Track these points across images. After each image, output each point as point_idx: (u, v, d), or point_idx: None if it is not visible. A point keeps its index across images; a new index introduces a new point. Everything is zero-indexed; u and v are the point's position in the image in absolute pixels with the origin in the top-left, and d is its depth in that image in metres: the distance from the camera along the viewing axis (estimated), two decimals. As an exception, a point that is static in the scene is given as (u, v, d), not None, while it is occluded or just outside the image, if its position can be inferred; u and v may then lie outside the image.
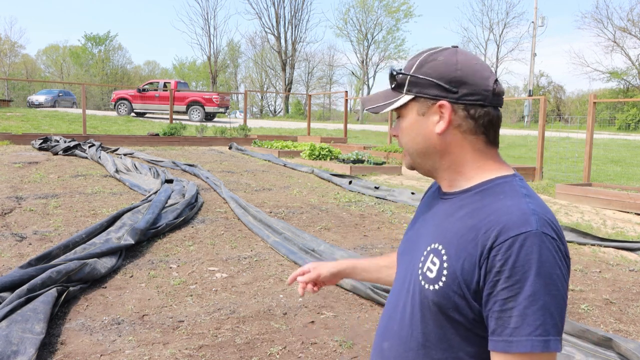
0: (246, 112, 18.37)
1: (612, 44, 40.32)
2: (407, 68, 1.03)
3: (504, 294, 0.86)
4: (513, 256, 0.85)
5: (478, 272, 0.89)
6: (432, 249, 0.99)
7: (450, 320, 0.94)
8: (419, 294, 0.98)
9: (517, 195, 0.93)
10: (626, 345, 2.66)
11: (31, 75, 55.83)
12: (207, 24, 50.15)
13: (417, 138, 1.02)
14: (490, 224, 0.90)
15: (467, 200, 0.98)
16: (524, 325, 0.84)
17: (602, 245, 5.23)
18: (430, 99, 0.99)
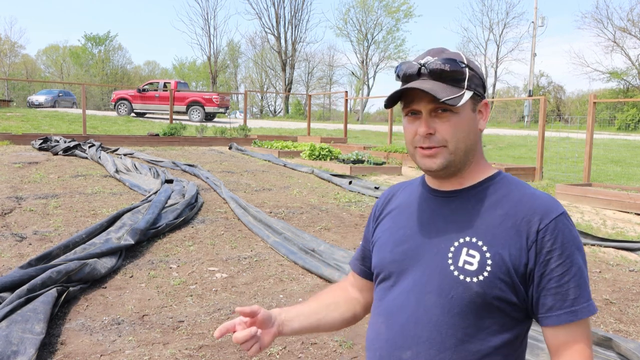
0: (246, 112, 18.37)
1: (612, 44, 40.34)
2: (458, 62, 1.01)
3: (559, 270, 0.95)
4: (560, 236, 0.96)
5: (527, 255, 0.96)
6: (463, 243, 1.00)
7: (491, 309, 0.98)
8: (457, 289, 0.98)
9: (526, 185, 1.04)
10: (626, 345, 2.66)
11: (31, 75, 55.84)
12: (207, 24, 50.21)
13: (470, 134, 1.03)
14: (526, 211, 0.98)
15: (481, 194, 1.04)
16: (582, 294, 0.95)
17: (602, 245, 5.23)
18: (479, 97, 1.04)
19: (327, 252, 4.40)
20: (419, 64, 1.02)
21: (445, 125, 1.01)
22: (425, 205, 1.10)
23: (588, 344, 0.98)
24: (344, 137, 16.16)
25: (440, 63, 1.00)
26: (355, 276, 1.30)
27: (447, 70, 1.00)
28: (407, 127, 1.06)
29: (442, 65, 1.00)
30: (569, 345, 0.97)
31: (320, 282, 3.88)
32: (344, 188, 7.83)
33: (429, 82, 1.00)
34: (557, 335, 0.97)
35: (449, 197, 1.07)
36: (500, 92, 52.09)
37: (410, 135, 1.05)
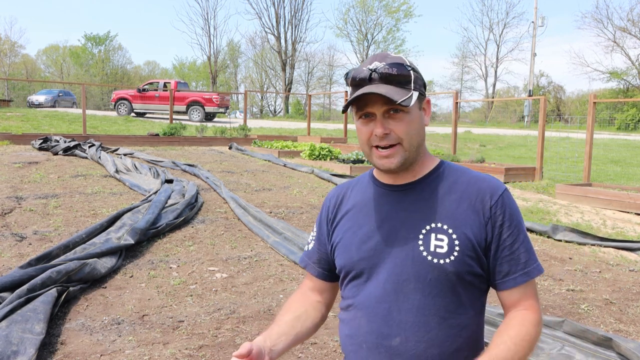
0: (246, 112, 18.37)
1: (612, 44, 40.35)
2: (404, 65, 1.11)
3: (510, 240, 1.09)
4: (507, 209, 1.10)
5: (484, 230, 1.09)
6: (430, 229, 1.09)
7: (464, 284, 1.09)
8: (433, 272, 1.08)
9: (467, 170, 1.17)
10: (626, 345, 2.66)
11: (31, 75, 55.83)
12: (207, 24, 50.19)
13: (420, 131, 1.14)
14: (477, 192, 1.11)
15: (433, 184, 1.14)
16: (531, 257, 1.10)
17: (602, 245, 5.23)
18: (423, 96, 1.15)
19: (327, 252, 4.40)
20: (369, 70, 1.09)
21: (400, 124, 1.09)
22: (383, 200, 1.16)
23: (536, 298, 1.12)
24: (344, 137, 16.16)
25: (389, 67, 1.08)
26: (313, 279, 1.32)
27: (395, 74, 1.08)
28: (361, 129, 1.13)
29: (390, 69, 1.08)
30: (522, 301, 1.11)
31: (320, 282, 3.88)
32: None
33: (381, 86, 1.07)
34: (512, 295, 1.11)
35: (404, 190, 1.15)
36: (500, 92, 52.08)
37: (366, 136, 1.12)
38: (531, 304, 1.11)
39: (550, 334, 2.91)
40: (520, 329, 1.07)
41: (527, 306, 1.11)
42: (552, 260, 4.67)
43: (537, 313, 1.11)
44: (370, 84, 1.08)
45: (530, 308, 1.11)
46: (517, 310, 1.12)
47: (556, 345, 2.81)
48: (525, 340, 1.06)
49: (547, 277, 4.21)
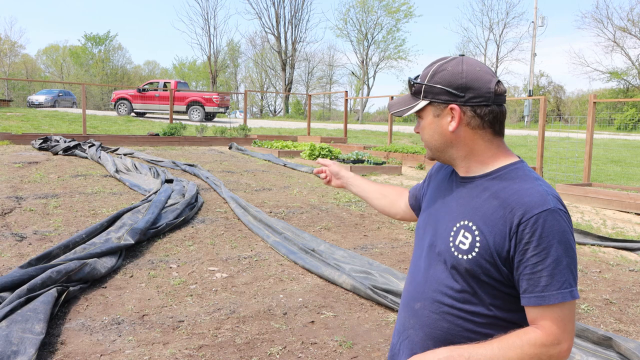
0: (246, 112, 18.36)
1: (612, 44, 40.33)
2: (422, 77, 1.23)
3: (534, 260, 1.09)
4: (539, 229, 1.08)
5: (509, 243, 1.12)
6: (462, 225, 1.20)
7: (479, 281, 1.17)
8: (452, 262, 1.20)
9: (530, 179, 1.17)
10: (626, 345, 2.66)
11: (31, 75, 55.82)
12: (207, 24, 50.08)
13: (434, 135, 1.24)
14: (514, 204, 1.12)
15: (487, 183, 1.20)
16: (554, 283, 1.08)
17: (602, 245, 5.23)
18: (442, 103, 1.21)
19: (327, 251, 4.40)
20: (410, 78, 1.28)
21: (421, 128, 1.27)
22: (448, 185, 1.31)
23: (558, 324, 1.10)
24: (344, 137, 16.16)
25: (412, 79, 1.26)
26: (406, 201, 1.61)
27: (410, 85, 1.26)
28: None
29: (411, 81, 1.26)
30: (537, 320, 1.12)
31: (321, 282, 3.88)
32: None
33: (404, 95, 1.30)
34: (529, 313, 1.13)
35: (463, 183, 1.26)
36: (500, 92, 51.93)
37: None
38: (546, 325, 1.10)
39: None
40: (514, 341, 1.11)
41: (540, 326, 1.11)
42: (552, 260, 4.67)
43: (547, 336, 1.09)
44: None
45: (541, 328, 1.10)
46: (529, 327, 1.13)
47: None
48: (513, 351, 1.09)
49: (547, 277, 4.21)
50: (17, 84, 53.76)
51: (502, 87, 1.20)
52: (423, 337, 1.25)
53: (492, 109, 1.19)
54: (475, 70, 1.18)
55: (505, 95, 1.21)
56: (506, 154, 1.23)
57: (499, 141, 1.23)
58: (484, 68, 1.20)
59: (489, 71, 1.20)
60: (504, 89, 1.21)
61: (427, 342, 1.24)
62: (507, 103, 1.29)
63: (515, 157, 1.24)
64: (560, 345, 1.09)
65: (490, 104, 1.18)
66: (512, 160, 1.22)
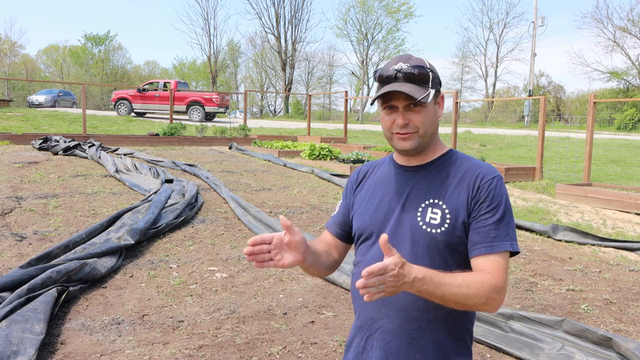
0: (246, 112, 18.36)
1: (612, 43, 40.33)
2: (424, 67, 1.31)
3: (486, 216, 1.27)
4: (492, 190, 1.28)
5: (470, 206, 1.28)
6: (428, 204, 1.31)
7: (453, 252, 1.28)
8: (425, 238, 1.29)
9: (472, 159, 1.38)
10: (626, 345, 2.66)
11: (31, 75, 55.82)
12: (207, 24, 50.02)
13: (434, 122, 1.35)
14: (471, 175, 1.31)
15: (442, 166, 1.36)
16: (501, 234, 1.26)
17: (602, 245, 5.23)
18: (438, 92, 1.35)
19: (327, 252, 4.39)
20: (395, 70, 1.30)
21: (417, 116, 1.31)
22: (397, 178, 1.39)
23: (502, 272, 1.23)
24: (344, 137, 16.16)
25: (411, 68, 1.30)
26: (332, 237, 1.53)
27: (417, 74, 1.30)
28: (385, 118, 1.36)
29: (413, 70, 1.30)
30: (486, 268, 1.24)
31: (320, 281, 3.88)
32: (344, 188, 7.82)
33: (405, 84, 1.30)
34: (477, 262, 1.25)
35: (414, 171, 1.37)
36: (500, 92, 52.05)
37: (388, 124, 1.35)
38: (494, 272, 1.22)
39: (550, 334, 2.91)
40: (476, 277, 1.21)
41: (491, 270, 1.22)
42: (552, 260, 4.67)
43: (499, 280, 1.21)
44: (395, 82, 1.30)
45: (493, 272, 1.22)
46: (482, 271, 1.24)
47: (556, 344, 2.81)
48: (476, 284, 1.19)
49: (547, 277, 4.21)
50: (17, 84, 53.74)
51: None
52: (400, 322, 1.29)
53: None
54: None
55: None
56: (442, 142, 1.42)
57: None
58: None
59: None
60: None
61: (405, 326, 1.29)
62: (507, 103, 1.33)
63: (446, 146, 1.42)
64: (501, 293, 1.22)
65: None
66: (447, 147, 1.41)
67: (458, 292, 1.17)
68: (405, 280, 1.12)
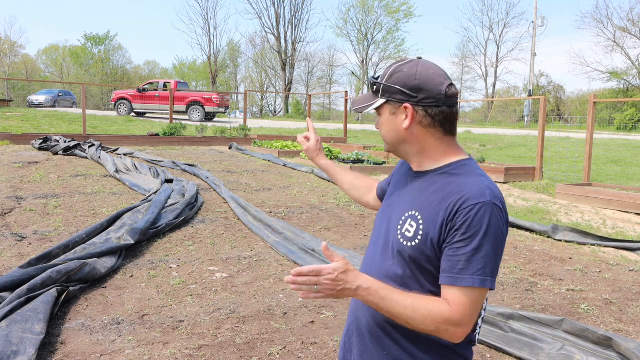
0: (246, 112, 18.36)
1: (612, 44, 40.31)
2: (381, 77, 1.31)
3: (459, 245, 1.17)
4: (470, 219, 1.16)
5: (445, 231, 1.19)
6: (409, 215, 1.28)
7: (422, 268, 1.24)
8: (398, 248, 1.27)
9: (474, 175, 1.25)
10: (626, 345, 2.66)
11: (31, 75, 55.81)
12: (207, 24, 50.03)
13: (390, 132, 1.33)
14: (455, 196, 1.20)
15: (436, 178, 1.28)
16: (469, 268, 1.15)
17: (602, 245, 5.23)
18: (397, 102, 1.29)
19: (327, 252, 4.39)
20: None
21: (379, 124, 1.37)
22: (404, 180, 1.40)
23: (464, 306, 1.16)
24: (344, 137, 16.16)
25: (373, 78, 1.34)
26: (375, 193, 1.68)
27: (372, 83, 1.34)
28: None
29: (372, 79, 1.33)
30: (447, 299, 1.18)
31: (320, 282, 3.88)
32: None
33: (364, 94, 1.38)
34: (443, 291, 1.20)
35: (415, 177, 1.35)
36: (500, 92, 52.04)
37: None
38: (454, 304, 1.16)
39: (550, 333, 2.91)
40: (427, 304, 1.17)
41: (452, 304, 1.16)
42: (552, 260, 4.67)
43: (453, 314, 1.15)
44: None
45: (453, 305, 1.16)
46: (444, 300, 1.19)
47: (556, 344, 2.81)
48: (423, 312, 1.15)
49: (547, 277, 4.21)
50: (17, 84, 53.74)
51: (454, 89, 1.26)
52: (369, 317, 1.31)
53: (442, 110, 1.26)
54: (428, 73, 1.26)
55: (457, 98, 1.28)
56: (457, 151, 1.31)
57: (450, 140, 1.30)
58: (437, 71, 1.27)
59: (442, 74, 1.27)
60: (456, 91, 1.27)
61: (371, 323, 1.31)
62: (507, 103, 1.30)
63: (465, 155, 1.31)
64: (459, 327, 1.16)
65: (441, 105, 1.26)
66: (461, 157, 1.30)
67: (403, 313, 1.16)
68: (347, 287, 1.17)
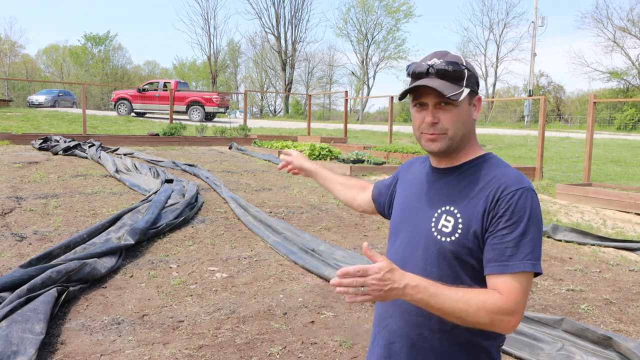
0: (246, 112, 18.36)
1: (612, 44, 40.29)
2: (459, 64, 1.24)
3: (504, 232, 1.15)
4: (513, 204, 1.16)
5: (487, 219, 1.18)
6: (444, 210, 1.25)
7: (463, 263, 1.21)
8: (435, 246, 1.23)
9: (505, 165, 1.26)
10: (626, 344, 2.66)
11: (31, 75, 55.81)
12: (207, 24, 49.92)
13: (466, 123, 1.27)
14: (494, 185, 1.20)
15: (468, 172, 1.27)
16: (518, 254, 1.14)
17: (602, 245, 5.23)
18: (474, 92, 1.28)
19: (327, 252, 4.40)
20: (428, 65, 1.24)
21: (448, 116, 1.24)
22: (426, 179, 1.35)
23: (516, 293, 1.13)
24: (344, 137, 16.16)
25: (445, 65, 1.22)
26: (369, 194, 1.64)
27: (450, 71, 1.22)
28: (415, 116, 1.29)
29: (446, 66, 1.22)
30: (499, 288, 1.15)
31: (321, 282, 3.88)
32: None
33: (436, 80, 1.22)
34: (491, 281, 1.17)
35: (443, 174, 1.31)
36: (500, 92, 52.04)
37: (418, 123, 1.28)
38: (506, 292, 1.13)
39: (550, 333, 2.91)
40: (479, 295, 1.13)
41: (504, 292, 1.13)
42: (552, 260, 4.67)
43: (506, 302, 1.12)
44: (427, 78, 1.24)
45: (505, 294, 1.13)
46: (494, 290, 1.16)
47: (556, 344, 2.81)
48: (477, 302, 1.11)
49: (547, 277, 4.21)
50: (17, 84, 53.74)
51: None
52: (402, 324, 1.26)
53: None
54: None
55: None
56: (479, 145, 1.33)
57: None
58: None
59: None
60: None
61: (407, 329, 1.25)
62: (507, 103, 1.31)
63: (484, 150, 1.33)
64: (513, 316, 1.13)
65: None
66: (484, 151, 1.32)
67: (456, 307, 1.11)
68: (395, 286, 1.10)
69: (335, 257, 4.28)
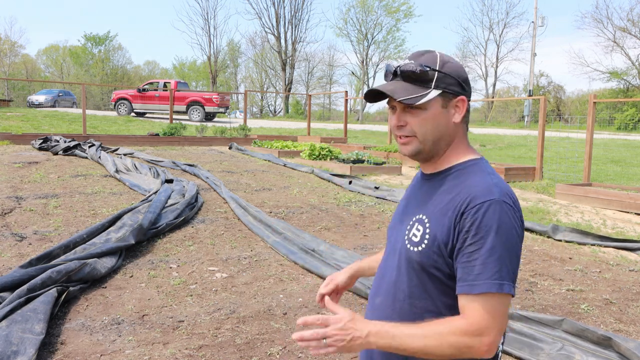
0: (246, 112, 18.36)
1: (612, 44, 40.29)
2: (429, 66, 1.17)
3: (471, 249, 1.08)
4: (479, 218, 1.08)
5: (453, 233, 1.11)
6: (417, 219, 1.21)
7: (430, 275, 1.16)
8: (405, 255, 1.20)
9: (483, 174, 1.16)
10: (626, 345, 2.66)
11: (31, 75, 55.81)
12: (207, 24, 49.95)
13: (439, 127, 1.19)
14: (461, 196, 1.13)
15: (445, 179, 1.21)
16: (484, 272, 1.06)
17: (602, 245, 5.23)
18: (452, 94, 1.18)
19: (327, 252, 4.40)
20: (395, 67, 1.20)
21: (415, 119, 1.18)
22: (416, 185, 1.33)
23: (482, 314, 1.06)
24: (344, 137, 16.16)
25: (413, 66, 1.17)
26: None
27: (418, 73, 1.16)
28: (389, 118, 1.26)
29: (414, 68, 1.16)
30: (465, 310, 1.09)
31: (321, 282, 3.88)
32: (344, 188, 7.83)
33: (395, 83, 1.19)
34: (460, 302, 1.11)
35: (427, 179, 1.27)
36: (500, 92, 52.05)
37: (391, 125, 1.25)
38: (470, 314, 1.07)
39: (550, 333, 2.91)
40: (439, 327, 1.08)
41: (467, 316, 1.07)
42: (552, 260, 4.67)
43: (469, 325, 1.06)
44: (394, 80, 1.21)
45: (466, 317, 1.07)
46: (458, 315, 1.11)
47: (556, 344, 2.81)
48: (434, 334, 1.06)
49: (547, 277, 4.21)
50: (17, 84, 53.74)
51: None
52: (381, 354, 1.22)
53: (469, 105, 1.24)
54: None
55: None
56: (471, 150, 1.25)
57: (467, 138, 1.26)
58: None
59: None
60: None
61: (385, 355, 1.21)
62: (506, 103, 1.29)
63: (477, 155, 1.24)
64: (482, 338, 1.05)
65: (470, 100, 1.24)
66: (472, 157, 1.22)
67: (419, 344, 1.06)
68: (357, 334, 1.07)
69: (335, 257, 4.28)
